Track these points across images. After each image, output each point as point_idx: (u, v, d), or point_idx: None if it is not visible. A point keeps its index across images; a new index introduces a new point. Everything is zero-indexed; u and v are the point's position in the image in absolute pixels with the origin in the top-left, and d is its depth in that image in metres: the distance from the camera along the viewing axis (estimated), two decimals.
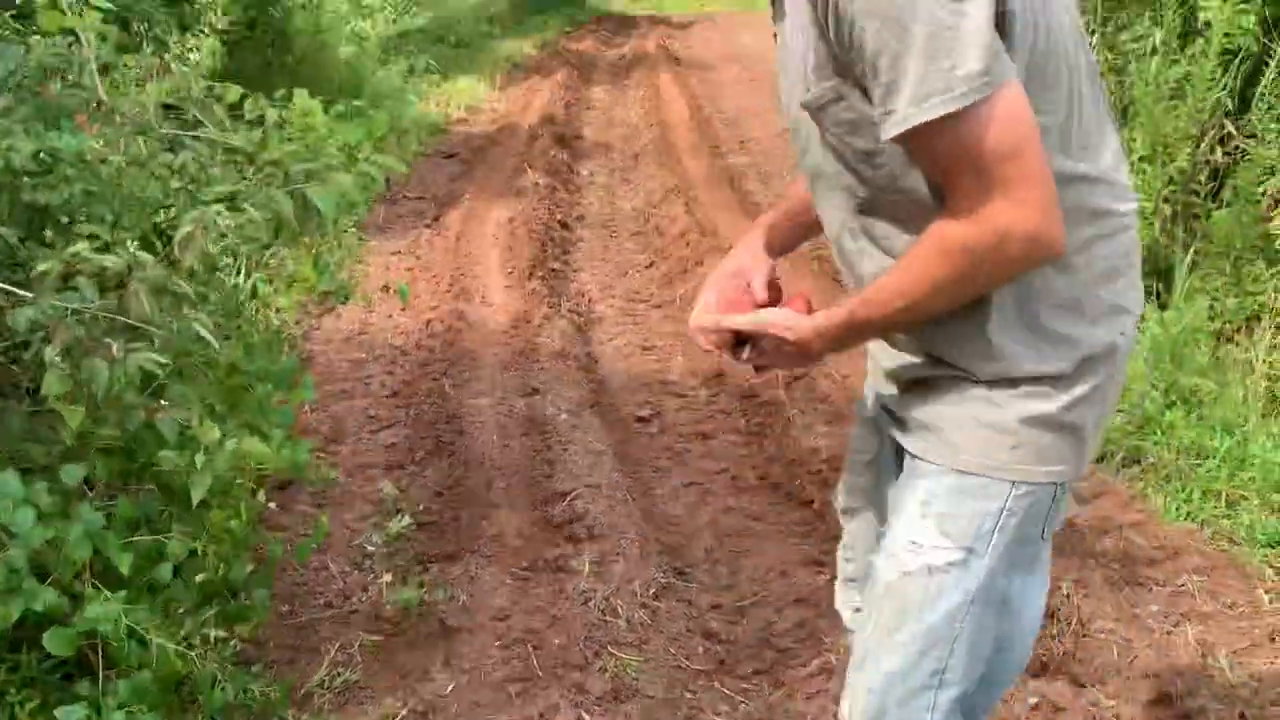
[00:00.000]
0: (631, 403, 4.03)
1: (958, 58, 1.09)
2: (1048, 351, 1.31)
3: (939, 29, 1.09)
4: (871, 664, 1.42)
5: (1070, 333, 1.31)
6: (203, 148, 2.23)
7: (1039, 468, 1.33)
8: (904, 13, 1.09)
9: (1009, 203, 1.15)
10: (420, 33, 11.71)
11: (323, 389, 4.10)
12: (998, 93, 1.11)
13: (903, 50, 1.10)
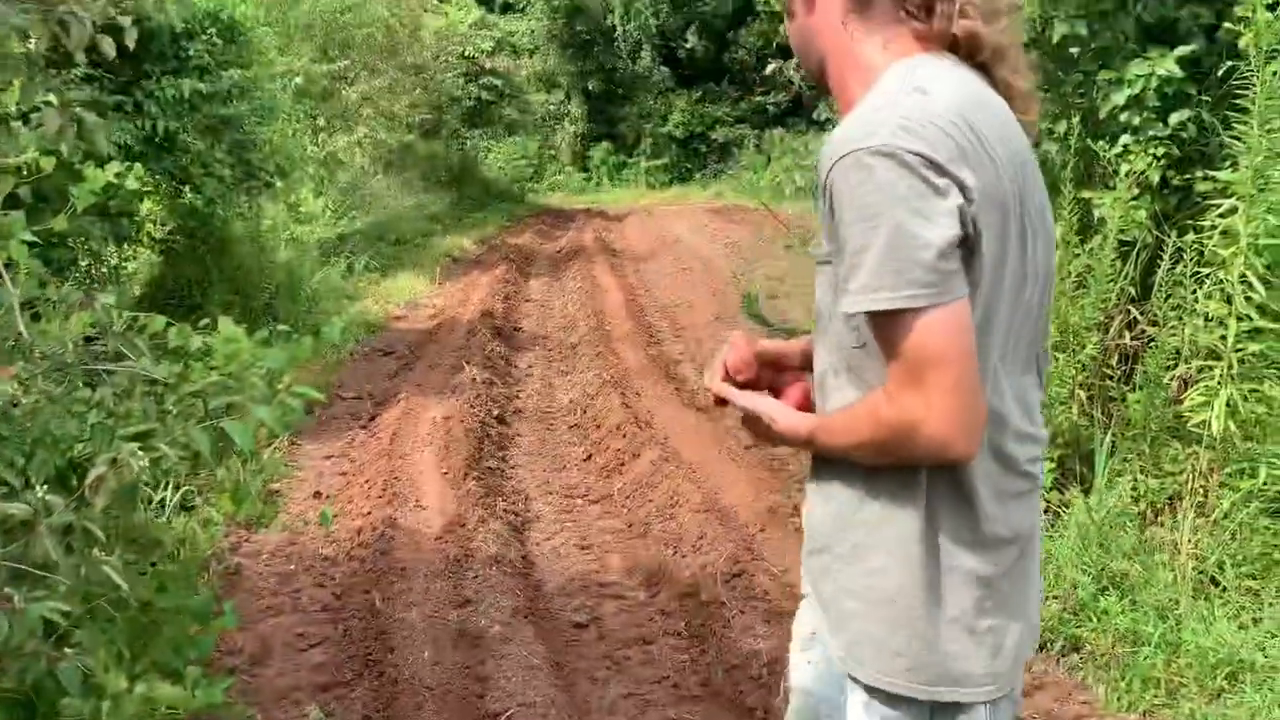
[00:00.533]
0: (568, 608, 3.95)
1: (910, 265, 1.23)
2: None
3: (903, 236, 1.23)
4: None
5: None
6: (122, 380, 2.23)
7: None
8: (879, 213, 1.24)
9: (924, 403, 1.26)
10: (359, 234, 11.98)
11: (250, 605, 3.99)
12: (940, 306, 1.24)
13: (869, 244, 1.25)
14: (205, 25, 6.93)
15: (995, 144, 1.31)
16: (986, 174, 1.28)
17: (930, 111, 1.28)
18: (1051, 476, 4.15)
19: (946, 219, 1.24)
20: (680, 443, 5.61)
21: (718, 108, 25.48)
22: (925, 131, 1.25)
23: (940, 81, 1.33)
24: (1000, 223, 1.30)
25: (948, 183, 1.24)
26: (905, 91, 1.31)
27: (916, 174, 1.24)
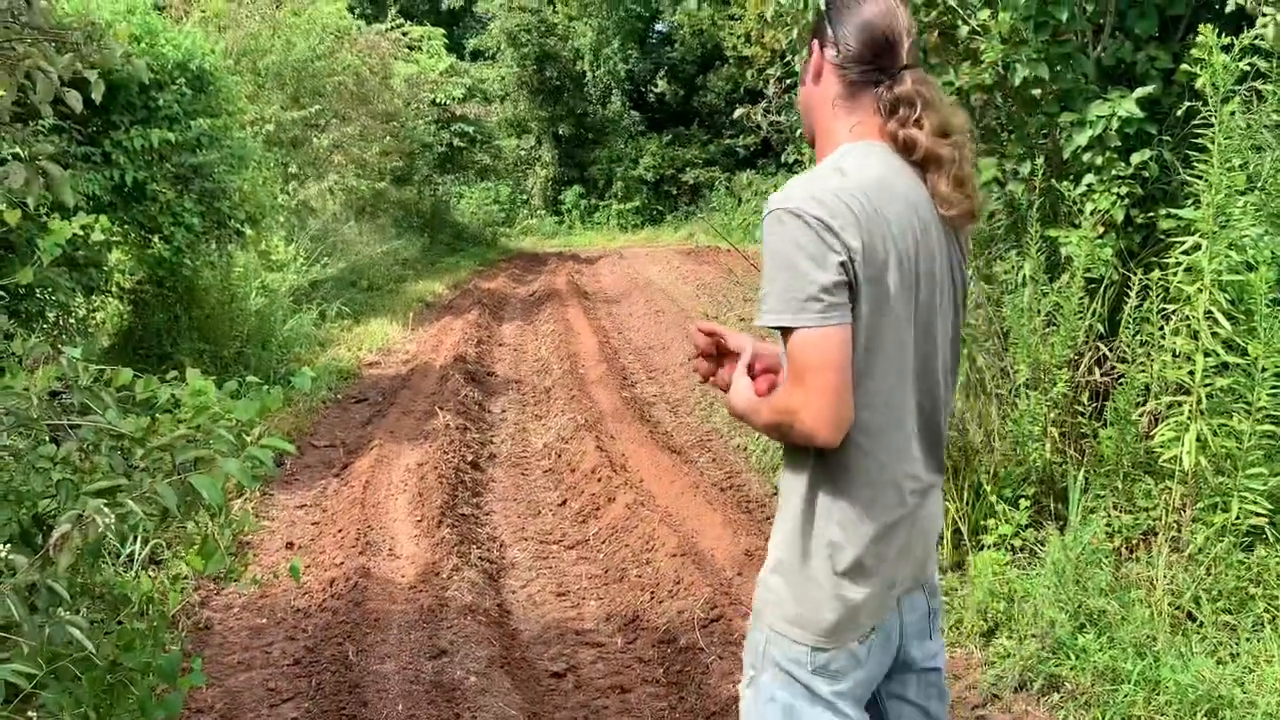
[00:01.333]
0: (545, 657, 3.91)
1: (801, 296, 1.63)
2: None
3: (798, 274, 1.63)
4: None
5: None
6: (89, 435, 2.20)
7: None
8: (785, 256, 1.65)
9: (802, 399, 1.65)
10: (331, 280, 11.94)
11: (220, 660, 3.92)
12: (821, 328, 1.62)
13: (775, 276, 1.66)
14: (174, 75, 6.93)
15: (892, 219, 1.69)
16: (875, 240, 1.66)
17: (838, 188, 1.67)
18: (1026, 514, 4.16)
19: (832, 267, 1.62)
20: (655, 486, 5.59)
21: (688, 150, 25.75)
22: (828, 202, 1.65)
23: (862, 167, 1.73)
24: (882, 283, 1.67)
25: (836, 242, 1.63)
26: (830, 170, 1.73)
27: (814, 232, 1.63)
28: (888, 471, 1.74)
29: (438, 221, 20.31)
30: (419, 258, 17.18)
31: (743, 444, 6.38)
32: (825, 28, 1.83)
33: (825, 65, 1.83)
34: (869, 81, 1.79)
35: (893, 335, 1.70)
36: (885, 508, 1.74)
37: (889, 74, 1.78)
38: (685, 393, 7.98)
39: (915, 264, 1.72)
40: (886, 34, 1.79)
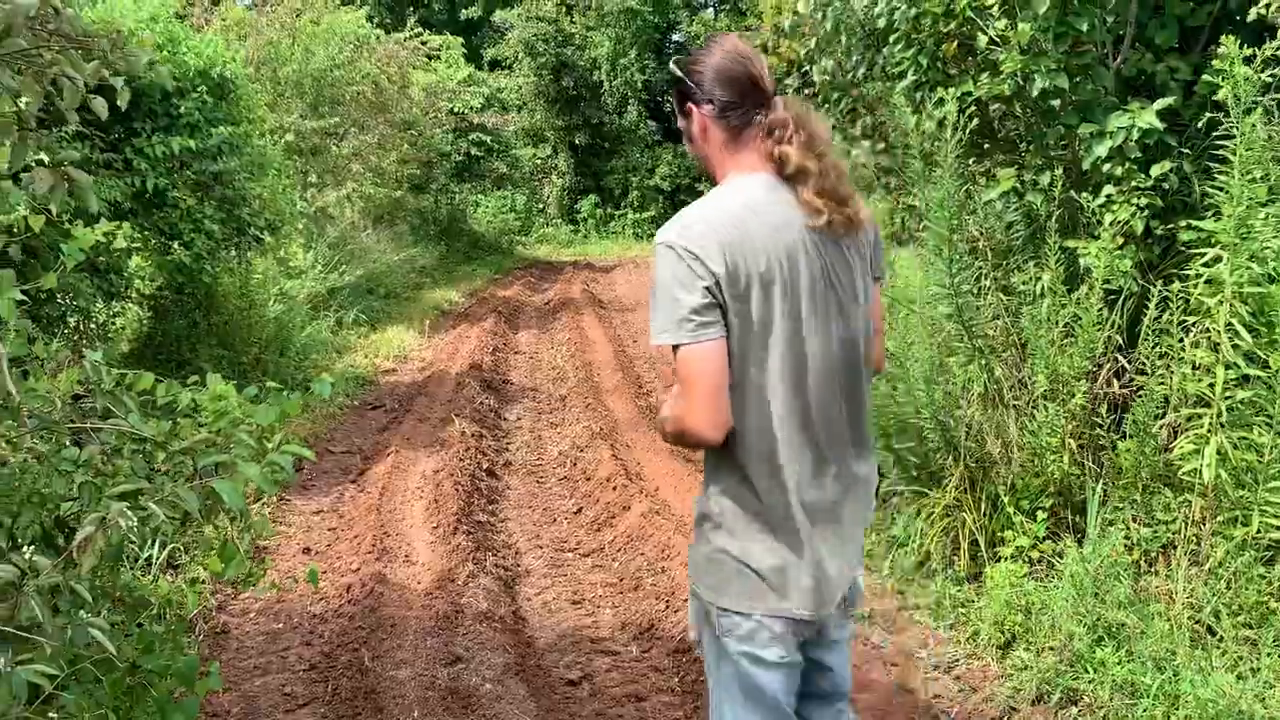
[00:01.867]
0: (560, 664, 3.90)
1: (677, 317, 1.88)
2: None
3: (673, 299, 1.89)
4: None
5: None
6: (111, 438, 2.22)
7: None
8: (664, 283, 1.91)
9: (685, 406, 1.92)
10: (348, 288, 12.00)
11: (237, 664, 3.93)
12: (696, 344, 1.87)
13: (656, 303, 1.92)
14: (196, 83, 6.98)
15: (759, 243, 1.92)
16: (743, 267, 1.90)
17: (707, 219, 1.93)
18: (1044, 526, 4.15)
19: (699, 291, 1.87)
20: (671, 495, 5.59)
21: None
22: (694, 232, 1.91)
23: (732, 195, 1.98)
24: (745, 301, 1.91)
25: (702, 269, 1.88)
26: (704, 203, 1.99)
27: (684, 261, 1.89)
28: (764, 465, 1.95)
29: (454, 230, 20.38)
30: (435, 265, 17.25)
31: None
32: (693, 90, 2.07)
33: (706, 121, 2.06)
34: (748, 121, 2.03)
35: (763, 352, 1.94)
36: (766, 501, 1.96)
37: (762, 107, 2.03)
38: None
39: (786, 280, 1.94)
40: (746, 77, 2.03)
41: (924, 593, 4.28)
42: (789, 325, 1.95)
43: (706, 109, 2.05)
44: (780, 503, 1.95)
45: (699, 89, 2.06)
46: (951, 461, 4.48)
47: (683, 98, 2.11)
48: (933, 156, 4.55)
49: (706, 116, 2.06)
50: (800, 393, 1.97)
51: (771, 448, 1.94)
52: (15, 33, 2.39)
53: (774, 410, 1.95)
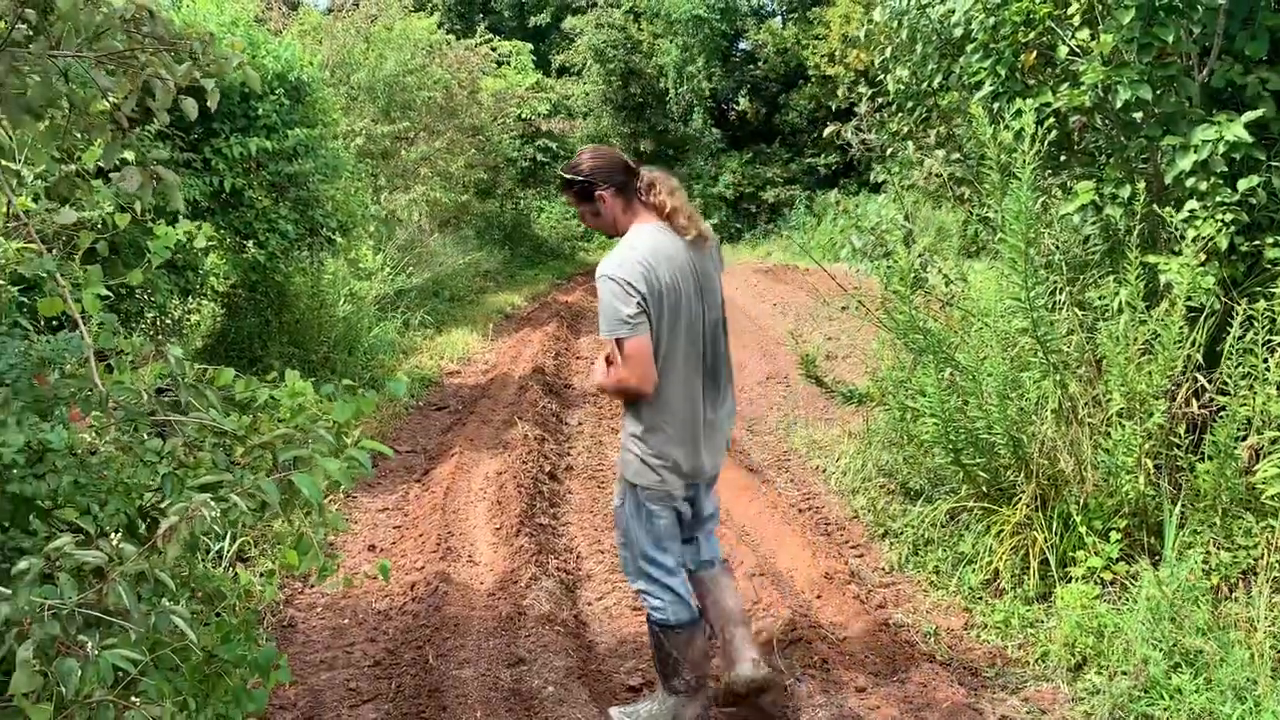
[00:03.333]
0: (621, 670, 3.90)
1: (618, 320, 2.98)
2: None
3: (615, 310, 2.98)
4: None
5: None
6: (192, 431, 2.26)
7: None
8: (608, 301, 2.98)
9: (628, 373, 3.02)
10: (415, 290, 12.15)
11: (303, 658, 3.99)
12: (634, 337, 2.98)
13: (604, 311, 3.01)
14: (274, 86, 7.13)
15: (663, 271, 3.03)
16: (656, 285, 3.01)
17: (630, 257, 3.01)
18: (1117, 547, 4.05)
19: (633, 304, 2.96)
20: (732, 504, 5.56)
21: (768, 169, 25.65)
22: (625, 269, 2.99)
23: (641, 239, 3.09)
24: (660, 305, 3.03)
25: (634, 290, 2.96)
26: (627, 246, 3.07)
27: (621, 286, 2.97)
28: (675, 404, 3.14)
29: (518, 235, 20.53)
30: (499, 270, 17.39)
31: (821, 465, 6.32)
32: (597, 184, 3.14)
33: (608, 198, 3.15)
34: (632, 189, 3.17)
35: (672, 335, 3.08)
36: (676, 425, 3.16)
37: (635, 177, 3.17)
38: (763, 411, 7.94)
39: (678, 294, 3.08)
40: (620, 162, 3.18)
41: (991, 611, 4.20)
42: (686, 316, 3.11)
43: (608, 191, 3.14)
44: (686, 423, 3.17)
45: (597, 180, 3.14)
46: (1023, 478, 4.40)
47: (586, 191, 3.17)
48: (1009, 168, 4.48)
49: (608, 195, 3.15)
50: (696, 356, 3.19)
51: (680, 392, 3.15)
52: (111, 35, 2.45)
53: (681, 369, 3.14)
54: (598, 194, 3.12)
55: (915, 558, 4.80)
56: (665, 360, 3.06)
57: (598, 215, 3.18)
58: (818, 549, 4.78)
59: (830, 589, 4.30)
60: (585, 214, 3.24)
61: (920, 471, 5.11)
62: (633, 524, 3.26)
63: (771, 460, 6.67)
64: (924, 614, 4.31)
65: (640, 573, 3.30)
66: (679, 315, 3.06)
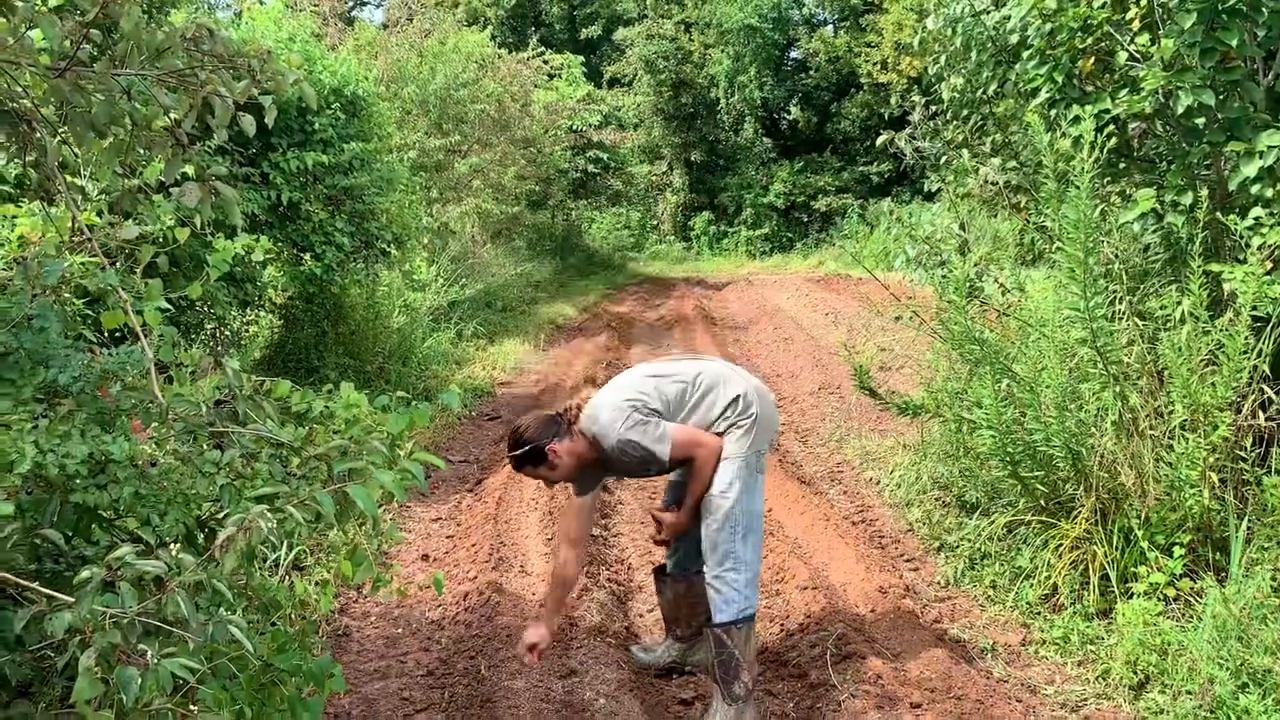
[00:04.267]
0: (673, 684, 3.88)
1: (658, 437, 3.49)
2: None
3: (646, 435, 3.49)
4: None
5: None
6: (249, 442, 2.29)
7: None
8: (637, 440, 3.47)
9: (703, 451, 3.49)
10: (468, 301, 12.25)
11: (357, 667, 4.02)
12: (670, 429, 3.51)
13: (644, 451, 3.48)
14: (329, 100, 7.24)
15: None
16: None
17: (618, 397, 3.53)
18: (1181, 563, 3.95)
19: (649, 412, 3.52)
20: (785, 516, 5.52)
21: (820, 177, 25.50)
22: (625, 403, 3.51)
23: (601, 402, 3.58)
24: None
25: (646, 406, 3.53)
26: (604, 408, 3.52)
27: (639, 413, 3.48)
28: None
29: (569, 245, 20.65)
30: (550, 280, 17.49)
31: (874, 477, 6.25)
32: (546, 444, 3.47)
33: (560, 447, 3.48)
34: (567, 425, 3.56)
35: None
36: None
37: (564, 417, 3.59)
38: (814, 422, 7.88)
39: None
40: (551, 416, 3.58)
41: (1050, 627, 4.12)
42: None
43: (562, 443, 3.49)
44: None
45: (547, 440, 3.46)
46: (1082, 492, 4.31)
47: (541, 453, 3.46)
48: (1067, 176, 4.41)
49: (562, 445, 3.49)
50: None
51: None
52: (172, 53, 2.50)
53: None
54: (549, 451, 3.45)
55: (971, 572, 4.73)
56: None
57: (556, 468, 3.50)
58: (871, 562, 4.72)
59: (884, 603, 4.25)
60: (547, 477, 3.57)
61: (976, 484, 5.03)
62: (743, 497, 3.44)
63: (824, 472, 6.61)
64: (980, 629, 4.24)
65: (730, 555, 3.42)
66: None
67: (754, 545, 3.48)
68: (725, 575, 3.43)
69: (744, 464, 3.48)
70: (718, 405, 3.51)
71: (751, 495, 3.49)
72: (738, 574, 3.43)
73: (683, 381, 3.54)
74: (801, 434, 7.68)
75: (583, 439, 3.50)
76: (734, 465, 3.47)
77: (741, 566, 3.43)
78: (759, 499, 3.55)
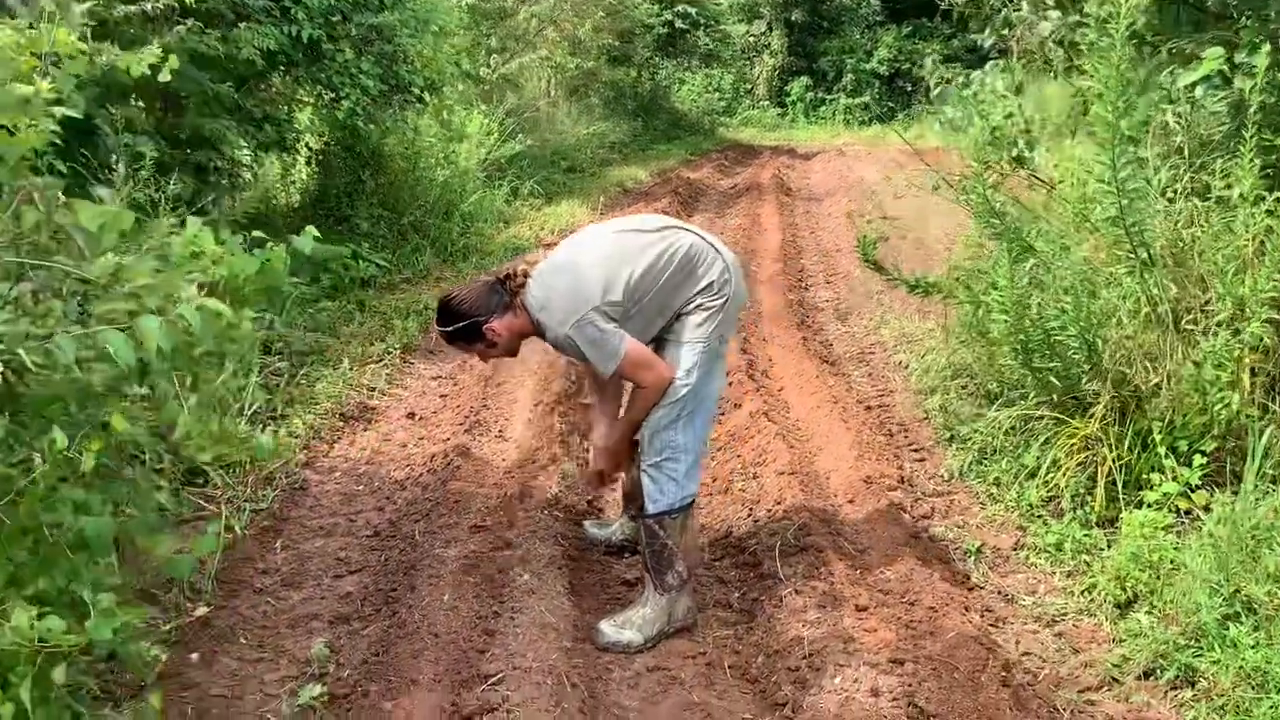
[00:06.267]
0: (622, 562, 3.66)
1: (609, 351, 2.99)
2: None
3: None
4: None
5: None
6: (58, 279, 2.05)
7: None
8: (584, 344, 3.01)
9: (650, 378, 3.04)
10: (530, 158, 11.87)
11: (305, 523, 3.90)
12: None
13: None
14: None
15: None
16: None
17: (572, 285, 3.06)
18: (1199, 472, 3.52)
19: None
20: (793, 396, 5.18)
21: (928, 44, 23.99)
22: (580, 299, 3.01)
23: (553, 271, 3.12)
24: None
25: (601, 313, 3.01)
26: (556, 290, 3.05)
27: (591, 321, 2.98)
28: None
29: (654, 107, 19.93)
30: (628, 142, 16.93)
31: (904, 360, 5.84)
32: (484, 325, 3.05)
33: (499, 325, 3.06)
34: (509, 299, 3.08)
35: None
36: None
37: (506, 285, 3.09)
38: (860, 300, 7.42)
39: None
40: (489, 283, 3.12)
41: (1046, 532, 3.75)
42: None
43: (501, 319, 3.06)
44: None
45: (484, 317, 3.04)
46: (1101, 388, 3.87)
47: (476, 330, 3.05)
48: (1138, 32, 3.83)
49: (501, 322, 3.06)
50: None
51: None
52: None
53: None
54: (490, 328, 3.05)
55: (979, 467, 4.36)
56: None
57: (494, 346, 3.12)
58: (868, 450, 4.38)
59: (866, 495, 3.92)
60: (482, 354, 3.18)
61: (994, 373, 4.60)
62: (699, 383, 3.07)
63: (854, 353, 6.21)
64: (972, 529, 3.90)
65: (669, 445, 3.08)
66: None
67: (699, 428, 3.15)
68: (663, 465, 3.09)
69: (705, 348, 3.09)
70: (687, 287, 3.08)
71: (709, 379, 3.13)
72: (676, 464, 3.10)
73: (656, 254, 3.03)
74: (842, 312, 7.25)
75: (524, 315, 3.06)
76: (695, 350, 3.07)
77: (680, 455, 3.10)
78: (715, 382, 3.20)
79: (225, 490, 3.98)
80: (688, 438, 3.10)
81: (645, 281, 3.01)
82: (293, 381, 5.14)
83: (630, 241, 3.09)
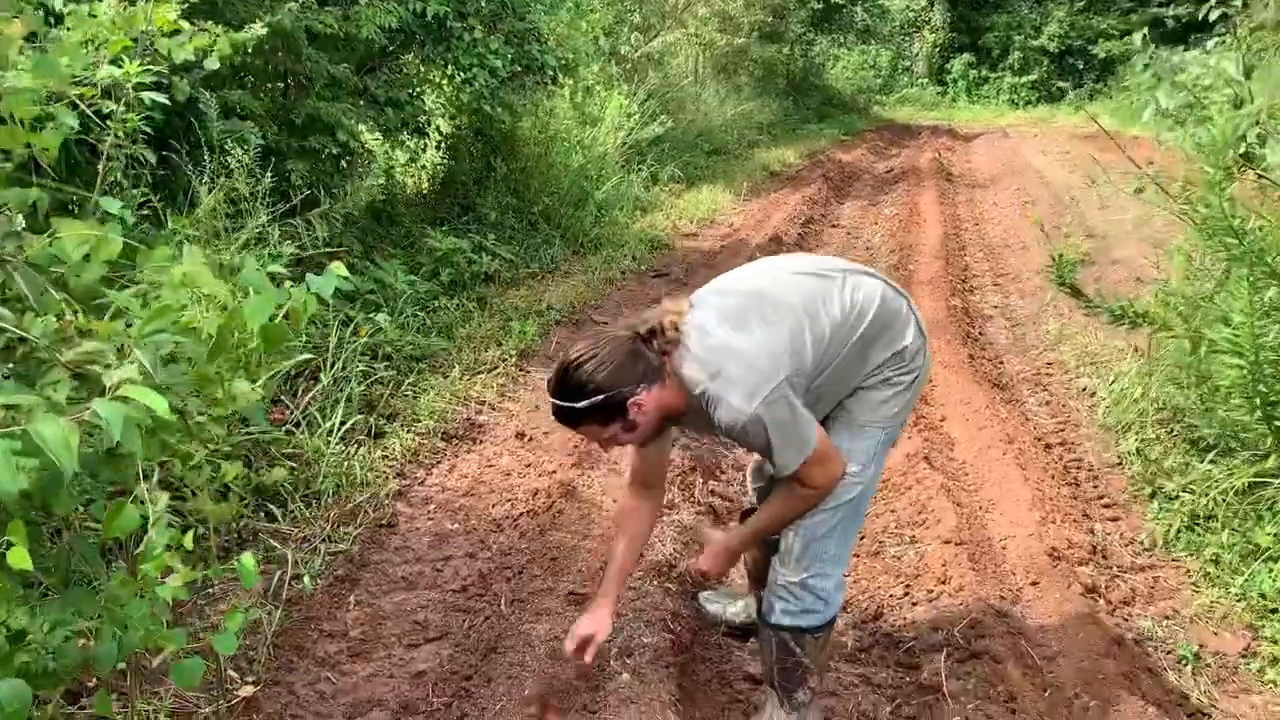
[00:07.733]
0: (745, 649, 3.03)
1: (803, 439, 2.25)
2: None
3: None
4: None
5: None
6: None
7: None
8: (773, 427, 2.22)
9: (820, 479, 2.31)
10: (673, 140, 11.26)
11: (386, 572, 3.42)
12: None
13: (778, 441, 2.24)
14: None
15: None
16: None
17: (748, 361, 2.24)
18: None
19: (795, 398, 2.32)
20: (958, 429, 4.44)
21: (1103, 19, 22.29)
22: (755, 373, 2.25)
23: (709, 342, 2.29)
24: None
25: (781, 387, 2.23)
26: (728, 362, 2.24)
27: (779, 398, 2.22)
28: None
29: (806, 85, 19.05)
30: (778, 122, 16.15)
31: (1090, 386, 5.00)
32: (629, 400, 2.18)
33: (647, 398, 2.20)
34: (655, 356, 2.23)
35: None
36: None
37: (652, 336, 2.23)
38: (1035, 309, 6.56)
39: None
40: (630, 343, 2.23)
41: None
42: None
43: (650, 391, 2.20)
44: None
45: (631, 387, 2.18)
46: None
47: (620, 407, 2.18)
48: None
49: (650, 395, 2.20)
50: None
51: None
52: None
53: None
54: (631, 405, 2.18)
55: (1190, 535, 3.56)
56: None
57: (634, 428, 2.24)
58: (1053, 509, 3.62)
59: (1053, 575, 3.18)
60: (615, 439, 2.28)
61: (1213, 420, 3.77)
62: (873, 469, 2.41)
63: (1029, 374, 5.40)
64: (1185, 624, 3.12)
65: (820, 557, 2.40)
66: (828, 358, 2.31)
67: (854, 532, 2.49)
68: (809, 582, 2.41)
69: (886, 437, 2.42)
70: (877, 354, 2.32)
71: (878, 473, 2.48)
72: (826, 580, 2.43)
73: (843, 307, 2.28)
74: (1015, 321, 6.41)
75: (674, 385, 2.22)
76: (875, 439, 2.39)
77: (832, 570, 2.43)
78: (880, 471, 2.51)
79: (303, 525, 3.53)
80: (842, 548, 2.44)
81: (834, 345, 2.27)
82: (397, 392, 4.69)
83: (813, 288, 2.31)
